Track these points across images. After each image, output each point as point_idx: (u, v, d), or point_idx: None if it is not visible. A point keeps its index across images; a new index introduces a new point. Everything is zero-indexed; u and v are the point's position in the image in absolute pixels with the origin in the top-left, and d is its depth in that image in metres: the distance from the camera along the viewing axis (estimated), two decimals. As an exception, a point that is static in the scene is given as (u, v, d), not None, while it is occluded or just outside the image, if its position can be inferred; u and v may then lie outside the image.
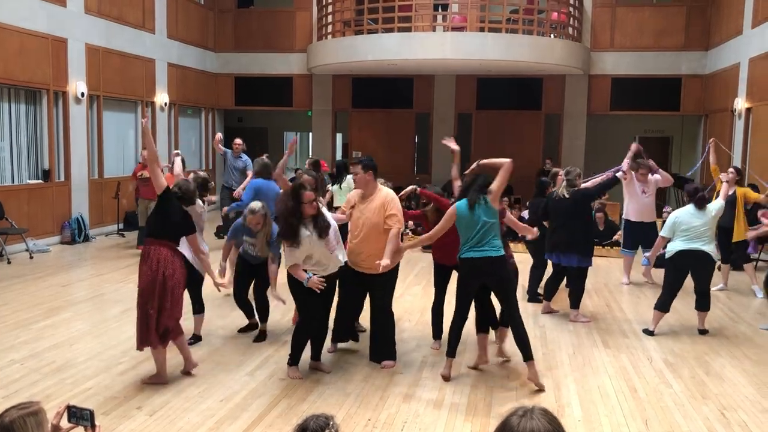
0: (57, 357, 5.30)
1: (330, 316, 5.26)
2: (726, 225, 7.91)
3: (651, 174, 8.21)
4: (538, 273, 7.47)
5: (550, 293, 7.04)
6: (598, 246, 9.60)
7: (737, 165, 10.01)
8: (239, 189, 8.68)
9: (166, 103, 13.63)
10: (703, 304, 6.29)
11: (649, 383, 5.02)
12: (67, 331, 5.99)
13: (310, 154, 17.72)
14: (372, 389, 4.78)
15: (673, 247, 6.23)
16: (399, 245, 5.08)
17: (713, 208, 6.28)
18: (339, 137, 17.57)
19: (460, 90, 15.56)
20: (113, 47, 11.90)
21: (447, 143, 5.85)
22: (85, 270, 8.96)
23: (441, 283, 5.72)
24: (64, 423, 2.29)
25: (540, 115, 15.39)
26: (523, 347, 4.85)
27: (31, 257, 9.39)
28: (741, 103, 11.75)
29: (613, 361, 5.50)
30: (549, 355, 5.61)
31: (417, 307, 7.03)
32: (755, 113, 11.34)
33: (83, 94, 11.01)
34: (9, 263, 8.98)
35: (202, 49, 15.25)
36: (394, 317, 5.35)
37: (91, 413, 2.27)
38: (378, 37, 13.07)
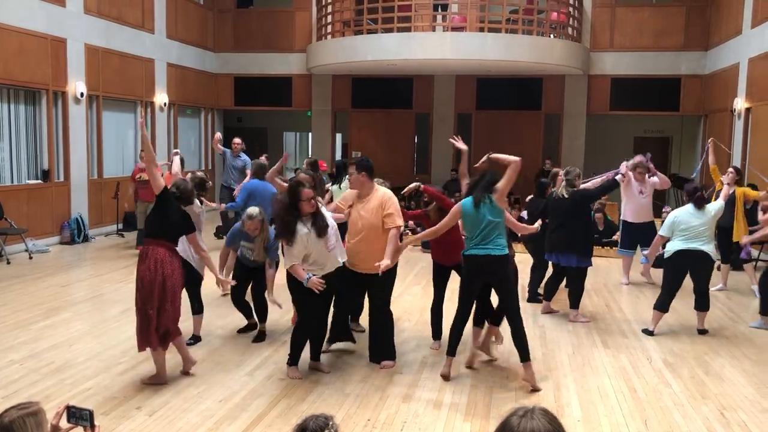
0: (56, 357, 5.30)
1: (329, 316, 5.27)
2: (726, 225, 7.92)
3: (649, 176, 8.20)
4: (538, 274, 7.47)
5: (549, 293, 7.05)
6: (597, 246, 9.60)
7: (737, 165, 10.02)
8: (238, 188, 8.67)
9: (165, 103, 13.63)
10: (703, 304, 6.29)
11: (649, 383, 5.02)
12: (67, 332, 5.99)
13: (309, 154, 17.71)
14: (371, 389, 4.77)
15: (672, 247, 6.23)
16: (398, 246, 5.08)
17: (712, 208, 6.28)
18: (338, 137, 17.57)
19: (459, 90, 15.55)
20: (113, 47, 11.90)
21: (455, 143, 5.78)
22: (85, 270, 8.96)
23: (440, 283, 5.71)
24: (63, 423, 2.28)
25: (540, 115, 15.39)
26: (522, 348, 4.85)
27: (31, 257, 9.39)
28: (740, 103, 11.74)
29: (613, 361, 5.50)
30: (548, 355, 5.61)
31: (416, 307, 7.03)
32: (755, 113, 11.34)
33: (83, 94, 11.00)
34: (8, 263, 8.97)
35: (201, 49, 15.24)
36: (392, 317, 5.34)
37: (91, 413, 2.27)
38: (377, 37, 13.07)
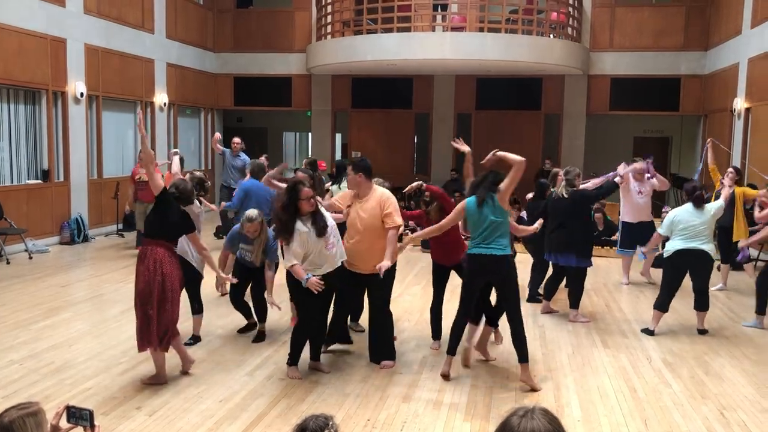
0: (56, 357, 5.30)
1: (329, 316, 5.26)
2: (726, 224, 7.91)
3: (648, 178, 8.19)
4: (539, 274, 7.45)
5: (549, 293, 7.04)
6: (597, 245, 9.58)
7: (737, 165, 10.01)
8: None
9: (165, 104, 13.62)
10: (702, 303, 6.29)
11: (649, 383, 5.02)
12: (67, 332, 5.99)
13: (309, 154, 17.71)
14: (371, 389, 4.77)
15: (672, 247, 6.23)
16: (397, 247, 5.08)
17: (711, 207, 6.27)
18: (338, 137, 17.57)
19: (459, 90, 15.55)
20: (112, 47, 11.89)
21: (457, 146, 5.66)
22: (85, 270, 8.96)
23: (440, 283, 5.71)
24: (63, 423, 2.28)
25: (539, 115, 15.39)
26: (520, 348, 4.85)
27: (31, 257, 9.38)
28: (740, 103, 11.74)
29: (613, 361, 5.50)
30: (548, 355, 5.61)
31: (416, 307, 7.03)
32: (754, 113, 11.34)
33: (82, 94, 11.00)
34: (8, 263, 8.97)
35: (201, 50, 15.24)
36: (392, 317, 5.34)
37: (91, 413, 2.27)
38: (377, 37, 13.07)
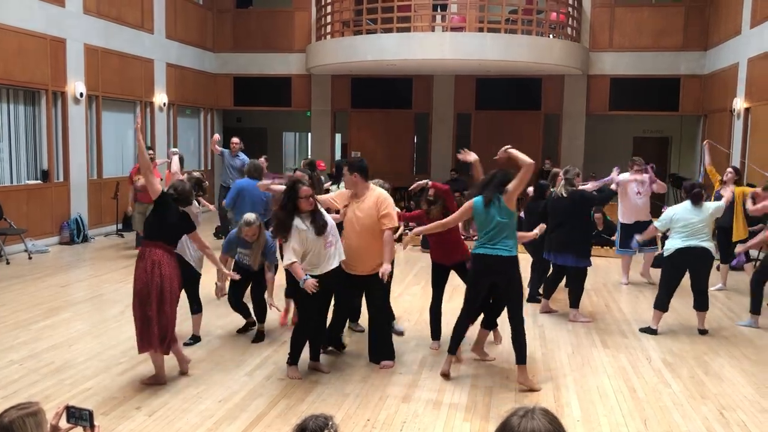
0: (56, 357, 5.30)
1: (328, 317, 5.26)
2: (725, 224, 7.91)
3: (649, 184, 8.18)
4: (538, 274, 7.45)
5: (549, 292, 7.04)
6: (597, 245, 9.58)
7: (736, 165, 10.01)
8: None
9: (164, 104, 13.62)
10: (702, 303, 6.28)
11: (648, 383, 5.02)
12: (66, 332, 5.99)
13: (309, 154, 17.71)
14: (371, 389, 4.77)
15: (672, 245, 6.21)
16: (394, 247, 5.08)
17: (711, 206, 6.26)
18: (338, 137, 17.56)
19: (459, 90, 15.55)
20: (112, 47, 11.89)
21: (463, 157, 5.49)
22: (84, 270, 8.96)
23: (439, 283, 5.71)
24: (63, 423, 2.28)
25: (539, 116, 15.39)
26: (519, 350, 4.84)
27: (30, 258, 9.38)
28: (740, 103, 11.74)
29: (612, 361, 5.50)
30: (548, 355, 5.61)
31: (416, 307, 7.02)
32: (754, 113, 11.34)
33: (82, 94, 11.00)
34: (8, 264, 8.97)
35: (200, 50, 15.24)
36: (393, 315, 5.34)
37: (90, 413, 2.26)
38: (377, 38, 13.06)
